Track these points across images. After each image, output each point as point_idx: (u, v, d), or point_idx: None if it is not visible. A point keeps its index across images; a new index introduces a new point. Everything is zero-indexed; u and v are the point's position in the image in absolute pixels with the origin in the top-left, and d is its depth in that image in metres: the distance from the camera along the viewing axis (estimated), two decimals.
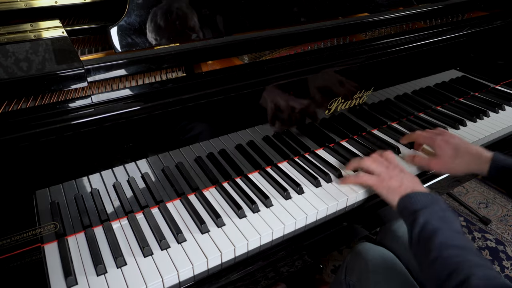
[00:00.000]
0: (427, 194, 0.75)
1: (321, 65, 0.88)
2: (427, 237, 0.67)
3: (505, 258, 1.72)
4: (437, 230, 0.67)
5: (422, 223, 0.69)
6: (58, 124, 0.63)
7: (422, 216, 0.70)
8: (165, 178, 0.82)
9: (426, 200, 0.73)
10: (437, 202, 0.73)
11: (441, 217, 0.70)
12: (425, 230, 0.68)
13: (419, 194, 0.75)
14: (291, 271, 0.82)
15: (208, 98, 0.76)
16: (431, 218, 0.69)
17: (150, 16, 0.78)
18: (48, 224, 0.70)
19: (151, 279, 0.66)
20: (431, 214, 0.70)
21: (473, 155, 0.87)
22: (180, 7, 0.81)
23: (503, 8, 1.24)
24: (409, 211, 0.73)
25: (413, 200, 0.74)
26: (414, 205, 0.73)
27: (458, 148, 0.88)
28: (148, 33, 0.78)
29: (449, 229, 0.67)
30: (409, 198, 0.75)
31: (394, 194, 0.78)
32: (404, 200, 0.76)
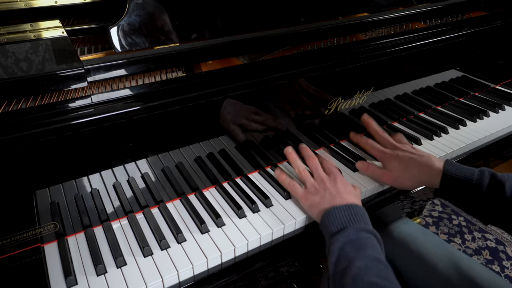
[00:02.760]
0: (345, 209, 0.69)
1: (321, 65, 0.89)
2: (341, 270, 0.62)
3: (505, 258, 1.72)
4: (350, 262, 0.61)
5: (337, 252, 0.64)
6: (58, 124, 0.63)
7: (337, 242, 0.65)
8: (165, 178, 0.82)
9: (342, 219, 0.68)
10: (355, 220, 0.67)
11: (356, 240, 0.64)
12: (339, 262, 0.63)
13: (337, 210, 0.70)
14: (291, 271, 0.82)
15: (208, 98, 0.76)
16: (346, 245, 0.64)
17: (150, 16, 0.78)
18: (48, 224, 0.70)
19: (151, 279, 0.66)
20: (346, 238, 0.64)
21: (423, 168, 0.80)
22: (180, 7, 0.81)
23: (503, 8, 1.24)
24: (327, 234, 0.68)
25: (330, 219, 0.69)
26: (331, 227, 0.68)
27: (407, 163, 0.83)
28: (148, 33, 0.78)
29: (363, 258, 0.61)
30: (326, 216, 0.70)
31: (315, 211, 0.74)
32: (322, 218, 0.71)
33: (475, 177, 0.75)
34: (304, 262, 0.83)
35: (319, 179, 0.80)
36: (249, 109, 0.84)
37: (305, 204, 0.77)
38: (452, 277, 0.82)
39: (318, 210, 0.73)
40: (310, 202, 0.76)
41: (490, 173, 0.75)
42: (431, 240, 0.91)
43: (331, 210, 0.71)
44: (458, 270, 0.83)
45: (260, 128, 0.88)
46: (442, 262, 0.85)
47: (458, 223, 1.91)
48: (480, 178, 0.74)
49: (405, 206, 0.99)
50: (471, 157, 1.05)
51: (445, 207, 2.00)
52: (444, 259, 0.85)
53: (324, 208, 0.72)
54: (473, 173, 0.76)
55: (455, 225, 1.89)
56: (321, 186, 0.78)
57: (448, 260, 0.85)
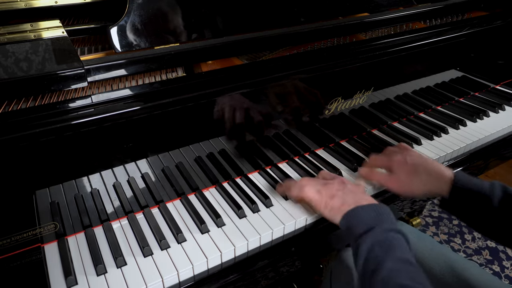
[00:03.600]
0: (370, 209, 0.68)
1: (321, 65, 0.88)
2: (370, 272, 0.61)
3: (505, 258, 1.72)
4: (379, 263, 0.60)
5: (365, 253, 0.62)
6: (58, 124, 0.63)
7: (365, 243, 0.63)
8: (165, 178, 0.82)
9: (368, 219, 0.66)
10: (381, 219, 0.66)
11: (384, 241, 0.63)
12: (368, 263, 0.61)
13: (362, 210, 0.68)
14: (291, 271, 0.82)
15: (208, 98, 0.76)
16: (374, 245, 0.62)
17: (150, 16, 0.78)
18: (48, 224, 0.70)
19: (151, 279, 0.66)
20: (374, 239, 0.63)
21: (433, 175, 0.79)
22: (180, 7, 0.81)
23: (503, 8, 1.24)
24: (352, 235, 0.67)
25: (356, 220, 0.67)
26: (357, 227, 0.66)
27: (416, 168, 0.81)
28: (148, 33, 0.78)
29: (393, 260, 0.60)
30: (350, 216, 0.68)
31: (338, 214, 0.71)
32: (346, 219, 0.69)
33: (487, 189, 0.73)
34: (304, 262, 0.83)
35: (329, 184, 0.77)
36: (249, 109, 0.84)
37: (326, 211, 0.74)
38: (448, 280, 0.82)
39: (341, 213, 0.70)
40: (331, 207, 0.73)
41: (501, 186, 0.74)
42: (426, 243, 0.90)
43: (356, 210, 0.69)
44: (454, 273, 0.82)
45: (260, 128, 0.88)
46: (438, 265, 0.84)
47: (458, 223, 1.91)
48: (491, 190, 0.73)
49: (405, 206, 0.99)
50: (471, 157, 1.05)
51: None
52: (440, 262, 0.85)
53: (348, 209, 0.69)
54: (483, 184, 0.74)
55: (455, 225, 1.89)
56: (335, 189, 0.75)
57: (444, 263, 0.84)
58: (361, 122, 1.06)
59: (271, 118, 0.88)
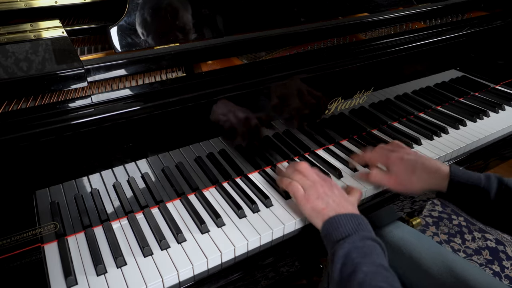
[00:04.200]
0: (349, 218, 0.69)
1: (321, 65, 0.89)
2: (347, 276, 0.61)
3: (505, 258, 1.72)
4: (356, 267, 0.61)
5: (342, 258, 0.63)
6: (58, 124, 0.63)
7: (342, 249, 0.64)
8: (165, 178, 0.82)
9: (347, 227, 0.67)
10: (360, 228, 0.67)
11: (361, 248, 0.64)
12: (345, 267, 0.62)
13: (342, 218, 0.69)
14: (291, 271, 0.82)
15: (208, 98, 0.76)
16: (351, 251, 0.63)
17: (150, 16, 0.78)
18: (48, 224, 0.70)
19: (151, 279, 0.66)
20: (351, 245, 0.64)
21: (430, 171, 0.80)
22: (180, 7, 0.81)
23: (503, 8, 1.24)
24: (330, 241, 0.68)
25: (335, 226, 0.68)
26: (335, 234, 0.67)
27: (414, 164, 0.81)
28: (148, 33, 0.78)
29: (370, 264, 0.61)
30: (331, 223, 0.69)
31: (318, 217, 0.72)
32: (326, 225, 0.70)
33: (482, 182, 0.75)
34: (304, 262, 0.83)
35: (318, 184, 0.77)
36: (249, 109, 0.84)
37: (307, 207, 0.75)
38: (446, 281, 0.82)
39: (321, 216, 0.72)
40: (312, 206, 0.74)
41: (497, 178, 0.75)
42: (425, 244, 0.90)
43: (336, 217, 0.69)
44: (452, 274, 0.82)
45: (260, 128, 0.88)
46: (436, 265, 0.84)
47: (458, 223, 1.91)
48: (487, 183, 0.74)
49: (405, 206, 0.99)
50: (471, 157, 1.05)
51: (445, 207, 2.00)
52: (438, 263, 0.85)
53: (328, 215, 0.70)
54: (480, 177, 0.76)
55: (455, 225, 1.89)
56: (321, 191, 0.75)
57: (442, 263, 0.84)
58: (361, 122, 1.06)
59: (271, 118, 0.88)
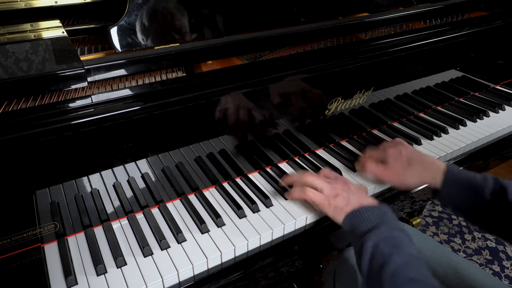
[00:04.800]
0: (374, 209, 0.69)
1: (321, 65, 0.88)
2: (377, 267, 0.61)
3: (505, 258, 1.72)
4: (387, 258, 0.61)
5: (370, 250, 0.63)
6: (58, 124, 0.63)
7: (370, 241, 0.64)
8: (165, 178, 0.82)
9: (373, 218, 0.67)
10: (385, 219, 0.67)
11: (390, 239, 0.64)
12: (375, 259, 0.62)
13: (366, 210, 0.69)
14: (291, 271, 0.82)
15: (208, 98, 0.76)
16: (380, 242, 0.63)
17: (150, 16, 0.78)
18: (48, 224, 0.70)
19: (151, 279, 0.66)
20: (379, 237, 0.64)
21: (426, 166, 0.81)
22: (180, 7, 0.81)
23: (503, 8, 1.24)
24: (356, 234, 0.68)
25: (360, 220, 0.68)
26: (361, 226, 0.67)
27: (411, 158, 0.82)
28: (148, 33, 0.78)
29: (401, 255, 0.61)
30: (355, 216, 0.69)
31: (341, 214, 0.72)
32: (349, 219, 0.70)
33: (478, 180, 0.75)
34: (305, 262, 0.83)
35: (333, 183, 0.77)
36: (249, 109, 0.84)
37: (329, 209, 0.74)
38: (452, 282, 0.82)
39: (344, 213, 0.71)
40: (334, 206, 0.73)
41: (493, 178, 0.75)
42: (429, 244, 0.90)
43: (360, 210, 0.69)
44: (458, 275, 0.82)
45: (260, 128, 0.88)
46: (441, 267, 0.84)
47: (458, 223, 1.91)
48: (483, 182, 0.75)
49: (405, 206, 0.99)
50: (471, 157, 1.05)
51: (445, 207, 2.00)
52: (443, 264, 0.85)
53: (351, 209, 0.70)
54: (475, 176, 0.76)
55: (455, 225, 1.89)
56: (339, 189, 0.75)
57: (447, 265, 0.84)
58: (361, 122, 1.06)
59: (271, 118, 0.88)
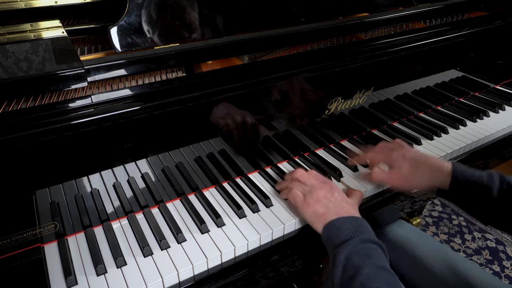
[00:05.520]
0: (350, 221, 0.69)
1: (321, 65, 0.89)
2: (348, 278, 0.62)
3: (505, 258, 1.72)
4: (357, 269, 0.61)
5: (343, 261, 0.63)
6: (58, 124, 0.63)
7: (343, 252, 0.64)
8: (165, 178, 0.82)
9: (348, 230, 0.67)
10: (360, 231, 0.67)
11: (362, 250, 0.64)
12: (346, 270, 0.63)
13: (343, 221, 0.69)
14: (291, 271, 0.82)
15: (208, 98, 0.76)
16: (352, 254, 0.64)
17: (150, 16, 0.78)
18: (48, 224, 0.70)
19: (151, 279, 0.66)
20: (353, 249, 0.64)
21: (433, 168, 0.80)
22: (180, 7, 0.81)
23: (503, 8, 1.24)
24: (331, 245, 0.68)
25: (335, 230, 0.68)
26: (336, 237, 0.67)
27: (416, 161, 0.82)
28: (148, 33, 0.78)
29: (371, 266, 0.61)
30: (331, 227, 0.69)
31: (319, 221, 0.72)
32: (326, 229, 0.70)
33: (485, 179, 0.75)
34: (304, 262, 0.83)
35: (317, 188, 0.77)
36: (249, 109, 0.84)
37: (307, 212, 0.75)
38: (448, 279, 0.82)
39: (322, 221, 0.71)
40: (312, 211, 0.74)
41: (498, 176, 0.75)
42: (427, 242, 0.91)
43: (336, 221, 0.70)
44: (455, 272, 0.83)
45: (260, 128, 0.88)
46: (438, 264, 0.85)
47: (458, 223, 1.91)
48: (489, 181, 0.75)
49: (405, 206, 0.99)
50: (471, 157, 1.05)
51: (445, 207, 2.00)
52: (440, 261, 0.85)
53: (329, 219, 0.70)
54: (482, 175, 0.76)
55: (455, 225, 1.89)
56: (322, 196, 0.75)
57: (444, 262, 0.85)
58: (361, 122, 1.06)
59: (271, 118, 0.88)
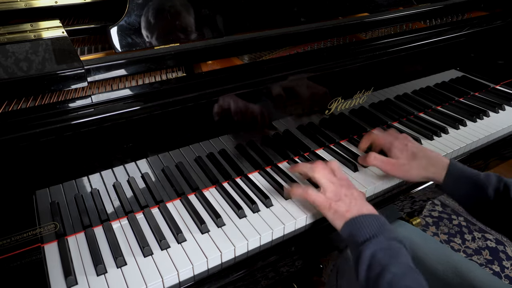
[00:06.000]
0: (373, 219, 0.69)
1: (321, 65, 0.88)
2: (374, 276, 0.61)
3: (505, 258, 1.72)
4: (384, 268, 0.61)
5: (368, 259, 0.63)
6: (58, 124, 0.63)
7: (368, 250, 0.64)
8: (165, 178, 0.82)
9: (372, 228, 0.67)
10: (384, 229, 0.67)
11: (387, 249, 0.64)
12: (372, 268, 0.62)
13: (365, 219, 0.69)
14: (291, 271, 0.82)
15: (208, 98, 0.76)
16: (377, 252, 0.63)
17: (150, 16, 0.78)
18: (48, 224, 0.70)
19: (151, 279, 0.66)
20: (377, 246, 0.64)
21: (431, 160, 0.82)
22: (180, 7, 0.81)
23: (503, 8, 1.24)
24: (354, 242, 0.67)
25: (358, 227, 0.68)
26: (359, 235, 0.67)
27: (416, 151, 0.84)
28: (148, 33, 0.78)
29: (398, 264, 0.61)
30: (353, 224, 0.69)
31: (340, 219, 0.71)
32: (348, 226, 0.69)
33: (481, 177, 0.76)
34: (305, 262, 0.83)
35: (337, 185, 0.76)
36: (249, 109, 0.84)
37: (329, 212, 0.73)
38: (452, 281, 0.82)
39: (344, 219, 0.70)
40: (335, 210, 0.72)
41: (496, 176, 0.76)
42: (430, 243, 0.91)
43: (359, 218, 0.69)
44: (458, 274, 0.83)
45: (260, 128, 0.88)
46: (441, 266, 0.85)
47: (458, 223, 1.91)
48: (485, 179, 0.75)
49: (405, 206, 0.99)
50: (471, 157, 1.05)
51: (445, 207, 2.00)
52: (443, 263, 0.85)
53: (351, 216, 0.70)
54: (478, 173, 0.77)
55: (455, 225, 1.89)
56: (342, 193, 0.74)
57: (447, 263, 0.85)
58: (361, 122, 1.06)
59: (271, 118, 0.88)
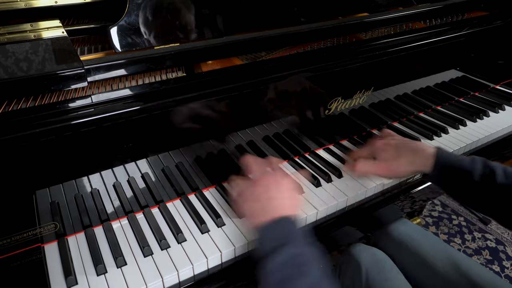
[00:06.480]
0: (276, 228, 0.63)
1: (321, 65, 0.88)
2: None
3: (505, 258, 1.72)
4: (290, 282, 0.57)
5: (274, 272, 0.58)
6: (58, 124, 0.63)
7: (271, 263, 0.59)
8: (165, 178, 0.82)
9: (276, 239, 0.62)
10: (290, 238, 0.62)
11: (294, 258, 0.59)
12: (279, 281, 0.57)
13: (269, 230, 0.63)
14: None
15: (208, 98, 0.76)
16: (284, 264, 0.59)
17: (150, 16, 0.78)
18: (48, 224, 0.70)
19: (151, 279, 0.66)
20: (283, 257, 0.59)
21: (416, 151, 0.80)
22: (180, 7, 0.81)
23: (503, 8, 1.24)
24: (261, 253, 0.62)
25: (264, 239, 0.63)
26: (264, 246, 0.62)
27: (399, 146, 0.82)
28: (148, 33, 0.78)
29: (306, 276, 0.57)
30: (261, 233, 0.64)
31: (254, 219, 0.67)
32: (259, 232, 0.65)
33: (467, 163, 0.75)
34: None
35: (260, 183, 0.72)
36: (248, 110, 0.84)
37: (244, 209, 0.70)
38: (452, 278, 0.83)
39: (259, 222, 0.66)
40: (249, 208, 0.69)
41: (482, 160, 0.76)
42: (430, 241, 0.91)
43: (265, 228, 0.64)
44: (458, 271, 0.83)
45: (260, 128, 0.88)
46: (442, 262, 0.85)
47: (458, 223, 1.91)
48: (472, 165, 0.75)
49: (405, 206, 0.99)
50: None
51: (445, 207, 2.00)
52: (444, 260, 0.86)
53: (262, 222, 0.65)
54: (465, 159, 0.77)
55: (455, 225, 1.89)
56: (263, 191, 0.70)
57: (447, 260, 0.85)
58: (361, 122, 1.06)
59: (271, 118, 0.88)
